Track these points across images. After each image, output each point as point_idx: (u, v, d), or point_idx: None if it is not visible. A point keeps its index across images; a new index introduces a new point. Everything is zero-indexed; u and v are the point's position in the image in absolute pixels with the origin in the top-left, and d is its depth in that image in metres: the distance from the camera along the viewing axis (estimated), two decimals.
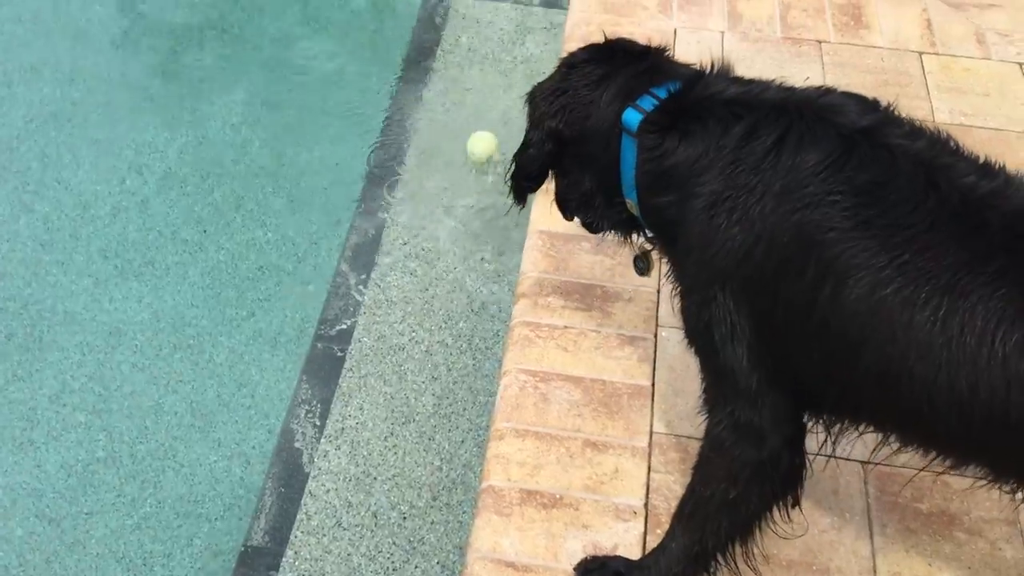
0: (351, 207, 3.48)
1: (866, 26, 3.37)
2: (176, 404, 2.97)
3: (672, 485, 2.14)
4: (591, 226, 2.06)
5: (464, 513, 2.67)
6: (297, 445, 2.83)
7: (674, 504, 2.00)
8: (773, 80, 1.78)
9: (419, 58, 4.02)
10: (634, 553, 2.02)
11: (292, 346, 3.09)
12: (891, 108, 1.61)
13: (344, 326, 3.10)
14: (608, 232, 2.05)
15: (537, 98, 1.93)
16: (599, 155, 1.84)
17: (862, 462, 2.19)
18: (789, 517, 1.81)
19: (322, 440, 2.83)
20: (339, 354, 3.02)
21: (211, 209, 3.52)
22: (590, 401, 2.30)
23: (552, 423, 2.26)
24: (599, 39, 2.02)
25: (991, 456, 1.51)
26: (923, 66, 3.24)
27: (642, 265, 2.12)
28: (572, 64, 1.89)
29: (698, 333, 1.71)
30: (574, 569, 1.99)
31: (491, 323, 3.09)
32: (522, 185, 2.07)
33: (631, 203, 1.86)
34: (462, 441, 2.83)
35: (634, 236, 2.04)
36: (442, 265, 3.25)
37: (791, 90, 1.71)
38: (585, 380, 2.34)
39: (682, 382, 2.32)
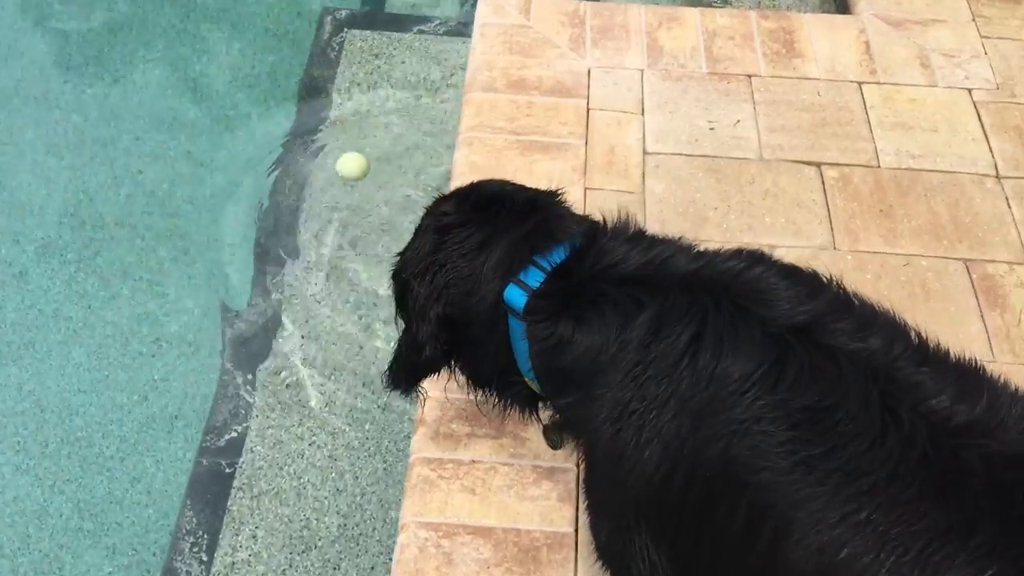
0: (246, 279, 3.11)
1: (799, 54, 3.03)
2: (63, 506, 2.60)
3: None
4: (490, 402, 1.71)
5: None
6: None
7: None
8: (681, 238, 1.43)
9: (312, 96, 3.61)
10: None
11: (191, 431, 2.75)
12: (835, 284, 1.28)
13: (234, 434, 2.73)
14: (512, 410, 1.69)
15: (410, 279, 1.56)
16: (487, 337, 1.50)
17: None
18: None
19: None
20: (228, 470, 2.66)
21: (96, 279, 3.12)
22: (503, 559, 1.96)
23: None
24: (501, 91, 1.74)
25: None
26: (864, 98, 2.92)
27: (555, 439, 1.80)
28: (443, 228, 1.53)
29: (612, 561, 1.39)
30: None
31: (401, 424, 2.74)
32: (414, 381, 1.72)
33: (531, 382, 1.52)
34: (371, 567, 2.50)
35: (541, 410, 1.70)
36: (341, 354, 2.89)
37: (703, 257, 1.36)
38: (496, 531, 2.00)
39: None
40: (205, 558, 2.51)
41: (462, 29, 3.75)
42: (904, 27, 3.14)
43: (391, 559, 2.49)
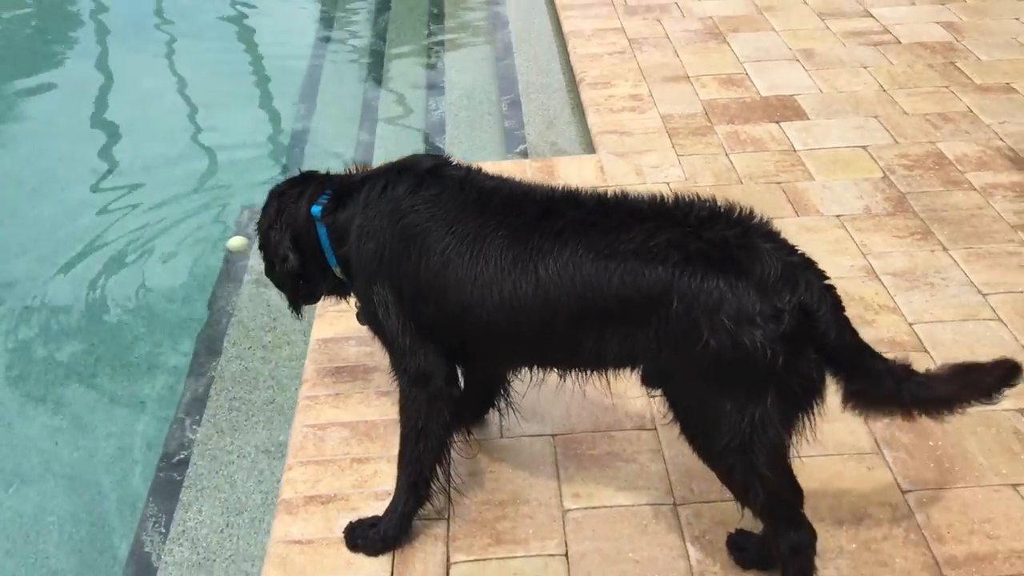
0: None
1: (558, 177, 4.54)
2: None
3: None
4: (312, 297, 2.93)
5: None
6: (146, 549, 3.47)
7: None
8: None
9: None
10: None
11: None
12: (449, 159, 2.64)
13: (182, 455, 3.81)
14: (330, 297, 2.94)
15: (269, 226, 2.77)
16: (308, 241, 2.76)
17: (552, 435, 3.07)
18: (468, 443, 2.64)
19: (167, 542, 3.48)
20: (178, 478, 3.72)
21: None
22: (356, 434, 3.12)
23: (328, 453, 3.05)
24: None
25: (532, 345, 2.42)
26: None
27: (363, 320, 3.00)
28: (280, 195, 2.82)
29: (372, 321, 2.62)
30: (343, 532, 2.73)
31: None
32: (295, 292, 2.87)
33: (337, 270, 2.78)
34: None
35: (351, 298, 2.93)
36: (264, 396, 4.02)
37: (390, 162, 2.71)
38: (352, 423, 3.17)
39: None
40: (164, 529, 3.53)
41: None
42: (626, 156, 4.70)
43: None
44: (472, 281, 2.35)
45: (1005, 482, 2.84)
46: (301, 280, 2.84)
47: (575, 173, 4.60)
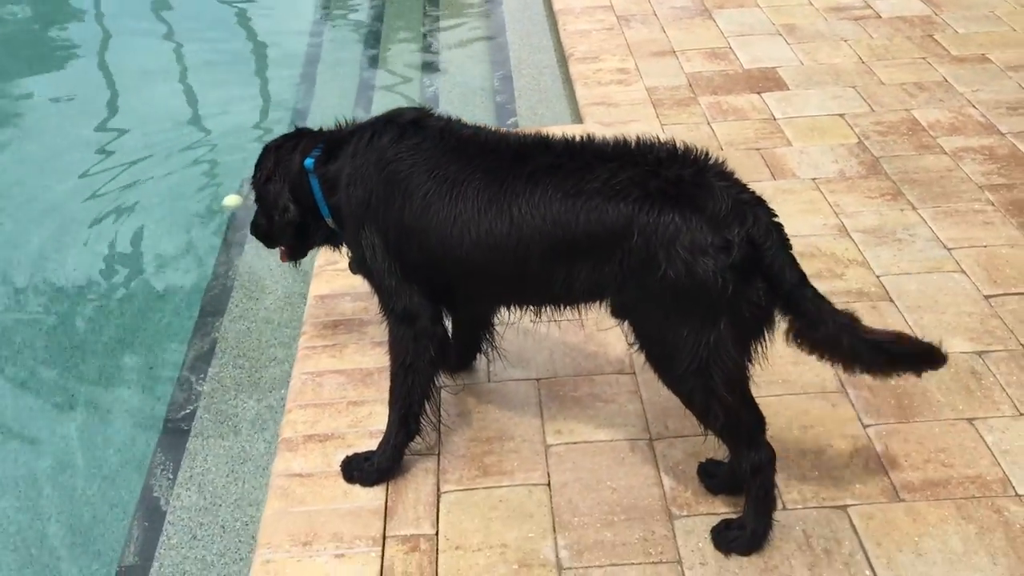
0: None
1: None
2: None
3: None
4: (302, 250, 3.11)
5: None
6: (155, 494, 3.66)
7: None
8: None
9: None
10: None
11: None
12: (431, 111, 2.81)
13: (188, 410, 4.00)
14: (323, 247, 3.13)
15: (267, 179, 2.94)
16: (302, 192, 2.93)
17: (536, 379, 3.26)
18: (453, 379, 2.83)
19: (175, 487, 3.68)
20: (185, 428, 3.91)
21: None
22: (352, 380, 3.31)
23: (325, 397, 3.25)
24: None
25: (507, 283, 2.61)
26: None
27: (355, 268, 3.18)
28: (276, 147, 2.99)
29: (361, 264, 2.80)
30: (340, 465, 2.93)
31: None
32: (300, 241, 3.05)
33: (329, 221, 2.96)
34: None
35: (343, 247, 3.11)
36: (266, 355, 4.21)
37: (376, 115, 2.88)
38: (348, 371, 3.36)
39: None
40: (171, 476, 3.72)
41: None
42: (612, 126, 4.88)
43: None
44: (451, 222, 2.53)
45: (960, 416, 3.03)
46: (298, 231, 3.02)
47: None
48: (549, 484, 2.87)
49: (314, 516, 2.80)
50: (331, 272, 3.89)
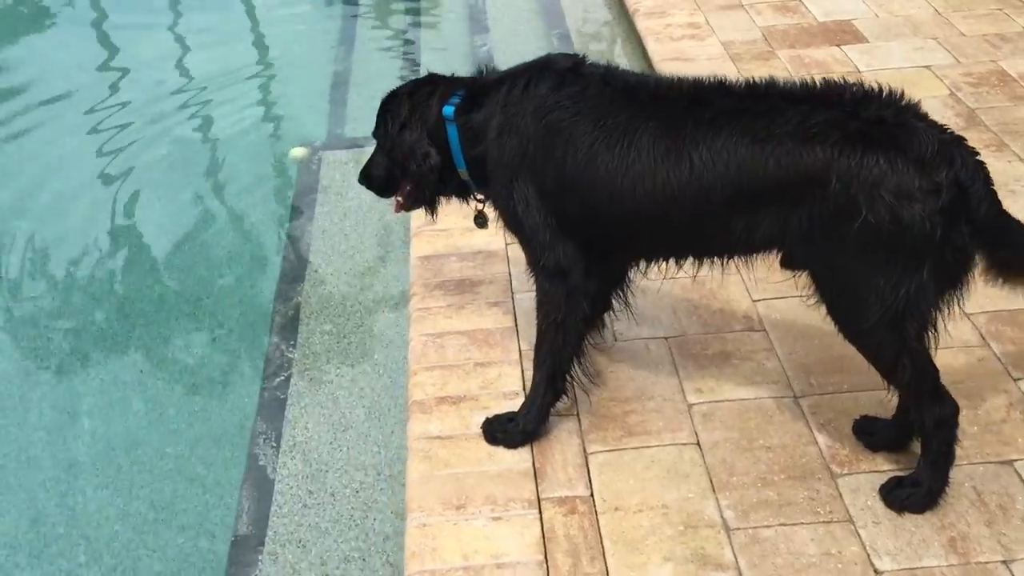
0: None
1: None
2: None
3: None
4: (430, 200, 2.96)
5: (403, 483, 3.45)
6: (261, 463, 3.58)
7: None
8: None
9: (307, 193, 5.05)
10: None
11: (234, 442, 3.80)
12: (583, 56, 2.70)
13: (283, 377, 3.91)
14: (451, 199, 3.00)
15: (402, 125, 2.80)
16: (439, 142, 2.83)
17: (664, 338, 3.18)
18: (602, 336, 2.75)
19: (279, 455, 3.59)
20: (281, 396, 3.82)
21: None
22: (475, 341, 3.22)
23: (450, 359, 3.15)
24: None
25: (680, 233, 2.51)
26: None
27: (481, 220, 3.06)
28: (411, 92, 2.87)
29: (509, 217, 2.70)
30: (481, 427, 2.84)
31: (395, 350, 3.94)
32: (434, 191, 2.90)
33: (462, 172, 2.85)
34: (392, 433, 3.62)
35: (471, 200, 2.99)
36: (352, 321, 4.12)
37: (525, 62, 2.77)
38: (468, 331, 3.26)
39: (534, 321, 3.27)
40: (275, 444, 3.64)
41: None
42: None
43: (405, 434, 3.67)
44: (623, 172, 2.43)
45: None
46: (440, 176, 2.86)
47: None
48: (699, 443, 2.79)
49: (462, 479, 2.71)
50: (430, 233, 3.78)
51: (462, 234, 3.75)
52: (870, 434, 2.71)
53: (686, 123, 2.38)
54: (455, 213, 3.22)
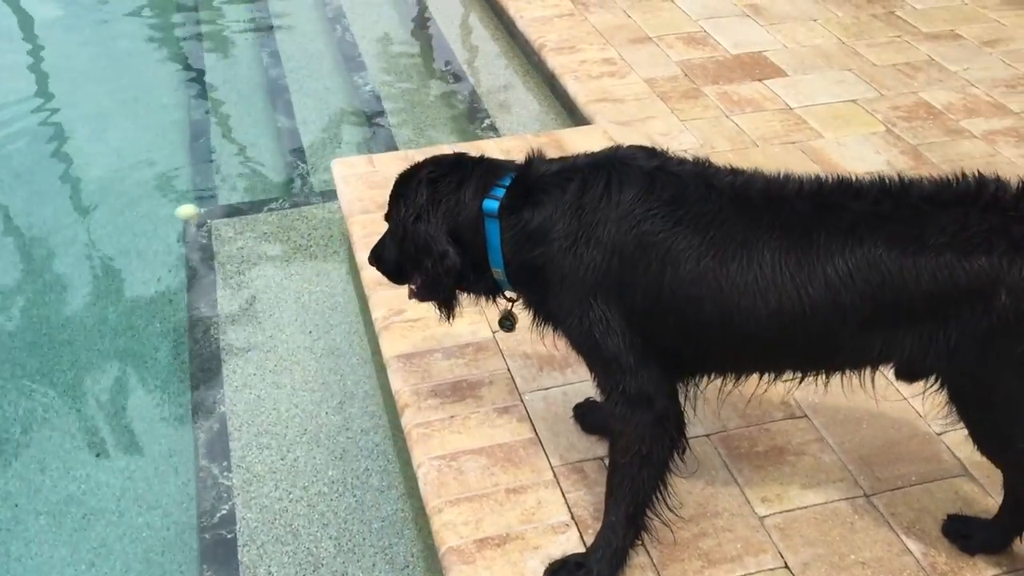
0: (187, 415, 3.71)
1: (570, 151, 4.26)
2: None
3: (583, 496, 2.67)
4: (449, 297, 2.55)
5: None
6: None
7: (592, 509, 2.55)
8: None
9: (200, 279, 4.40)
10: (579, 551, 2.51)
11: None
12: (665, 150, 2.36)
13: (224, 511, 3.29)
14: (480, 298, 2.57)
15: (416, 216, 2.42)
16: (471, 239, 2.41)
17: (707, 435, 2.87)
18: (683, 460, 2.41)
19: None
20: (229, 536, 3.21)
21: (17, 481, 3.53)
22: (496, 461, 2.79)
23: (474, 487, 2.71)
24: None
25: (798, 351, 2.22)
26: None
27: (508, 323, 2.65)
28: (432, 181, 2.43)
29: (583, 339, 2.31)
30: (544, 574, 2.44)
31: (358, 462, 3.40)
32: (450, 292, 2.50)
33: (497, 271, 2.43)
34: (373, 565, 3.12)
35: (498, 299, 2.58)
36: (292, 431, 3.55)
37: (593, 153, 2.40)
38: (485, 448, 2.83)
39: (556, 426, 2.88)
40: None
41: (304, 200, 4.76)
42: (631, 124, 4.49)
43: (389, 554, 3.18)
44: (740, 291, 2.09)
45: None
46: (460, 275, 2.46)
47: (584, 146, 4.29)
48: (787, 566, 2.50)
49: None
50: (401, 325, 3.31)
51: (439, 323, 3.29)
52: (966, 536, 2.51)
53: (817, 232, 2.07)
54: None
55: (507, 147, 4.30)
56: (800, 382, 2.35)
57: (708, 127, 4.49)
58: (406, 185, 2.49)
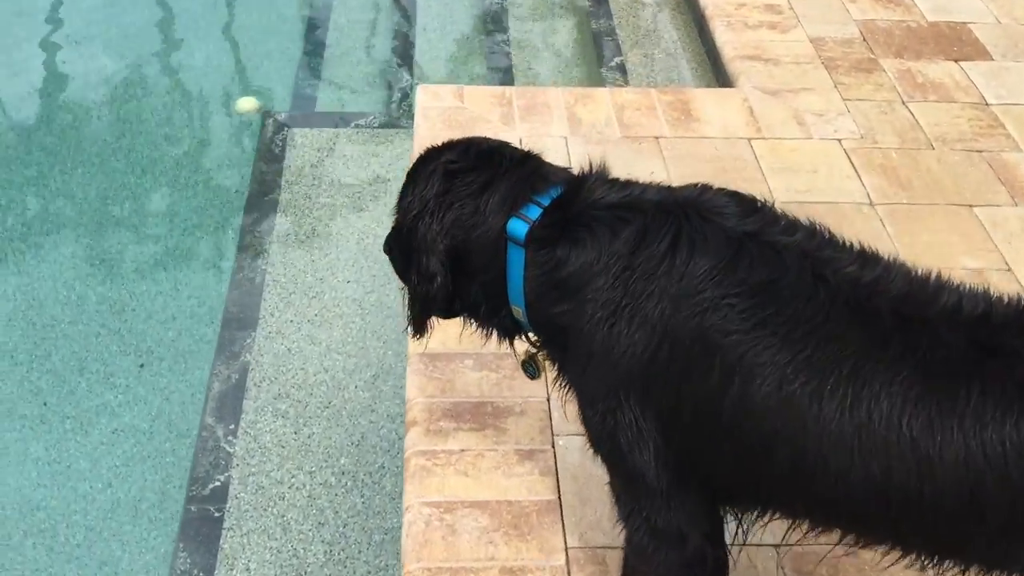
0: (208, 354, 3.31)
1: (696, 119, 3.54)
2: None
3: None
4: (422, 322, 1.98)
5: None
6: None
7: None
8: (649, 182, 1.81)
9: (263, 193, 3.93)
10: None
11: (155, 512, 2.86)
12: (766, 204, 1.66)
13: (217, 483, 2.89)
14: (492, 337, 1.98)
15: (417, 219, 1.83)
16: (486, 265, 1.80)
17: (775, 545, 2.21)
18: None
19: None
20: (216, 514, 2.81)
21: (50, 377, 3.25)
22: (500, 525, 2.22)
23: (465, 555, 2.16)
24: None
25: (905, 534, 1.54)
26: (754, 151, 3.42)
27: (532, 370, 2.06)
28: (451, 173, 1.82)
29: (603, 441, 1.69)
30: None
31: (375, 455, 2.96)
32: (427, 315, 1.97)
33: (517, 310, 1.83)
34: None
35: (518, 340, 1.98)
36: (315, 401, 3.11)
37: (670, 190, 1.74)
38: (491, 504, 2.26)
39: (588, 490, 2.28)
40: None
41: (395, 122, 4.20)
42: (779, 95, 3.69)
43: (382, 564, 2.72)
44: (834, 441, 1.42)
45: None
46: (448, 302, 1.90)
47: (716, 114, 3.58)
48: None
49: None
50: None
51: None
52: None
53: (968, 384, 1.36)
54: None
55: (622, 101, 3.60)
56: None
57: (876, 113, 3.65)
58: (422, 167, 1.90)
